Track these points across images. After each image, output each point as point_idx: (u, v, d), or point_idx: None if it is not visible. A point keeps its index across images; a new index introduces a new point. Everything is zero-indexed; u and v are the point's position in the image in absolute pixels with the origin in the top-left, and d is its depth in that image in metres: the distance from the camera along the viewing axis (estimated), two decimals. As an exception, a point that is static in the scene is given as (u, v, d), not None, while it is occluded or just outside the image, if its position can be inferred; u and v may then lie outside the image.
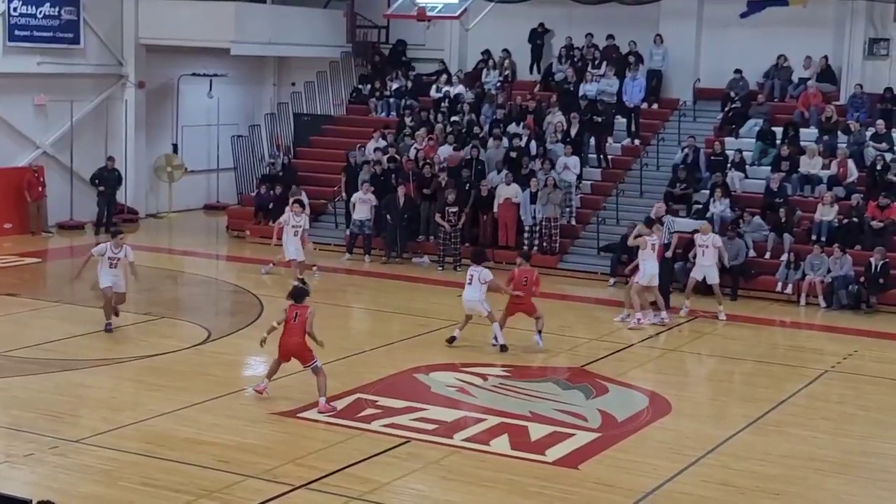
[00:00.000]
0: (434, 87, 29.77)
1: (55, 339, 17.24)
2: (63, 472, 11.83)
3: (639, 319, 19.45)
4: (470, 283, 17.55)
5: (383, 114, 30.10)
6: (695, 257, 20.91)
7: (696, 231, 21.49)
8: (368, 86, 31.07)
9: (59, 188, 27.77)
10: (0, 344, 16.89)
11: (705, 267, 20.59)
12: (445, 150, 26.40)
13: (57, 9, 27.46)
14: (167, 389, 15.02)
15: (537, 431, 13.76)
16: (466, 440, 13.37)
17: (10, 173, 26.77)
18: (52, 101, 27.64)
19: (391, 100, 30.15)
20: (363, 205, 25.27)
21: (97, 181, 27.95)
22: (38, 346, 16.88)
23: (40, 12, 27.12)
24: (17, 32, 26.71)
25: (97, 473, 11.83)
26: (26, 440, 12.77)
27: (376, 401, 14.79)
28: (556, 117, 26.88)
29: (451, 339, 17.74)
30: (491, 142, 26.37)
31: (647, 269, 19.42)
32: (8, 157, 27.05)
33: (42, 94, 27.54)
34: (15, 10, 26.60)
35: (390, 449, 12.95)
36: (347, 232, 25.78)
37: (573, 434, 13.73)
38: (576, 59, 28.87)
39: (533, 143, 26.22)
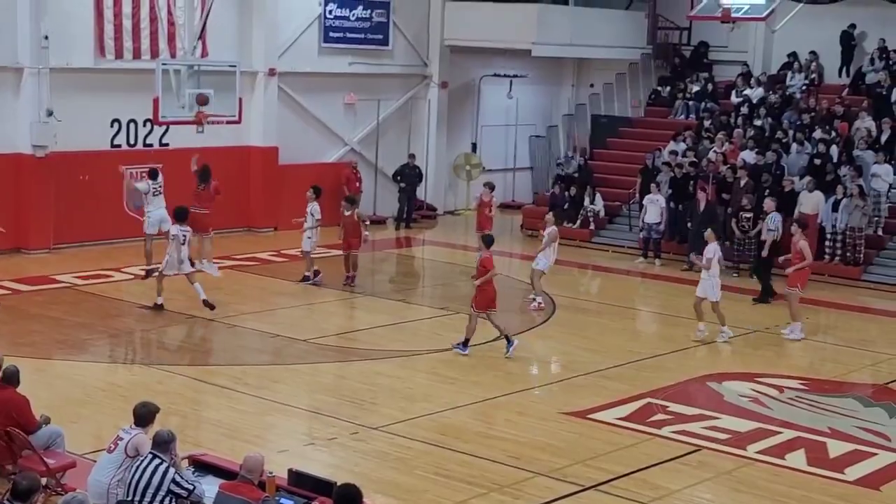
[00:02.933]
0: (734, 90, 29.13)
1: (357, 329, 17.96)
2: (362, 457, 12.31)
3: None
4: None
5: (682, 116, 29.68)
6: None
7: None
8: (668, 88, 30.74)
9: (364, 184, 28.86)
10: (307, 331, 17.77)
11: None
12: (747, 155, 25.74)
13: (369, 11, 28.63)
14: (460, 383, 15.36)
15: (836, 448, 13.24)
16: (760, 452, 13.01)
17: (318, 168, 28.05)
18: (360, 100, 28.80)
19: (690, 102, 29.69)
20: (653, 206, 25.03)
21: (399, 177, 28.96)
22: (341, 334, 17.63)
23: (353, 15, 28.34)
24: (331, 34, 28.01)
25: (394, 461, 12.24)
26: (329, 424, 13.37)
27: (667, 406, 14.62)
28: (865, 122, 25.75)
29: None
30: (794, 147, 25.53)
31: None
32: (318, 152, 28.38)
33: (352, 92, 28.73)
34: (330, 12, 27.90)
35: (681, 456, 12.78)
36: (641, 235, 25.59)
37: (875, 454, 13.12)
38: (890, 63, 27.52)
39: (834, 149, 25.14)
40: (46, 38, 22.57)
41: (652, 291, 23.00)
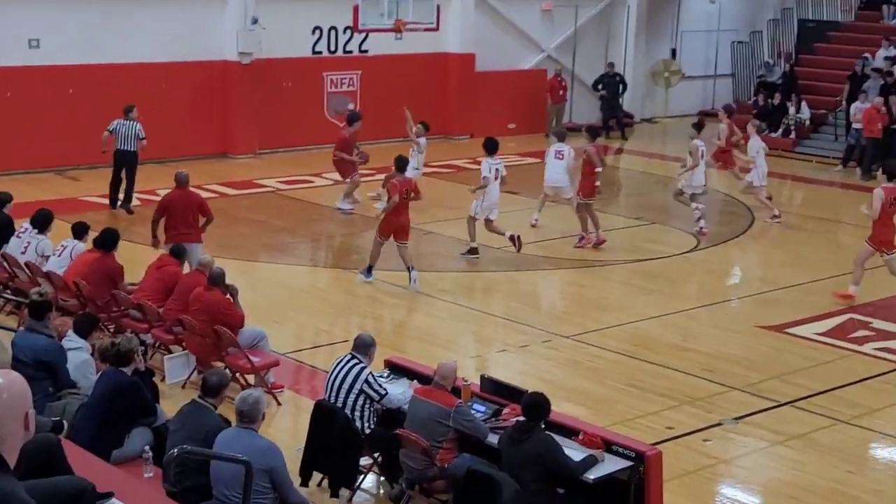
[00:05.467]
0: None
1: (551, 238, 17.94)
2: (554, 366, 12.39)
3: None
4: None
5: (895, 20, 28.25)
6: None
7: None
8: (881, -10, 29.27)
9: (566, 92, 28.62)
10: (499, 239, 17.82)
11: None
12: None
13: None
14: (655, 294, 15.24)
15: None
16: (968, 372, 12.52)
17: (515, 75, 27.97)
18: (557, 6, 28.42)
19: (905, 5, 28.25)
20: (861, 114, 24.05)
21: (600, 86, 28.55)
22: (535, 243, 17.65)
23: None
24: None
25: (586, 370, 12.28)
26: (521, 332, 13.48)
27: (870, 322, 14.17)
28: None
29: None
30: None
31: None
32: (514, 59, 28.23)
33: (549, -1, 28.44)
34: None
35: (883, 374, 12.40)
36: (847, 143, 24.69)
37: None
38: None
39: None
40: (252, -55, 23.08)
41: (855, 203, 22.14)
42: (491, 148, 16.56)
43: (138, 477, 7.87)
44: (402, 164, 15.69)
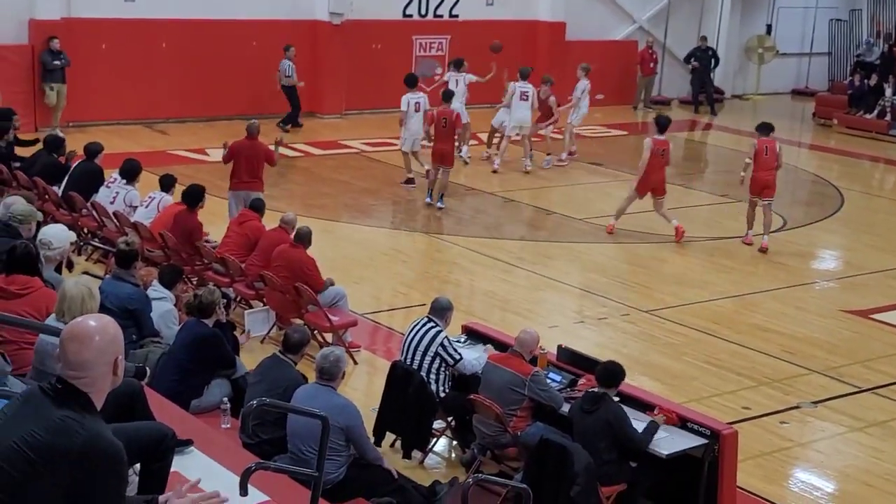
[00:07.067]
0: None
1: (633, 212, 17.76)
2: (631, 339, 12.32)
3: None
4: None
5: None
6: None
7: None
8: None
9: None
10: (581, 210, 17.80)
11: None
12: None
13: None
14: (737, 273, 15.07)
15: None
16: None
17: (605, 45, 27.69)
18: (652, -23, 28.14)
19: None
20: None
21: (692, 59, 28.15)
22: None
23: None
24: None
25: (663, 345, 12.19)
26: (599, 304, 13.42)
27: (958, 313, 13.86)
28: None
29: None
30: None
31: None
32: (605, 30, 27.97)
33: (643, -31, 28.08)
34: None
35: (969, 366, 12.15)
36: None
37: None
38: None
39: None
40: None
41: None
42: (409, 82, 18.34)
43: (216, 427, 8.00)
44: (446, 95, 17.76)
